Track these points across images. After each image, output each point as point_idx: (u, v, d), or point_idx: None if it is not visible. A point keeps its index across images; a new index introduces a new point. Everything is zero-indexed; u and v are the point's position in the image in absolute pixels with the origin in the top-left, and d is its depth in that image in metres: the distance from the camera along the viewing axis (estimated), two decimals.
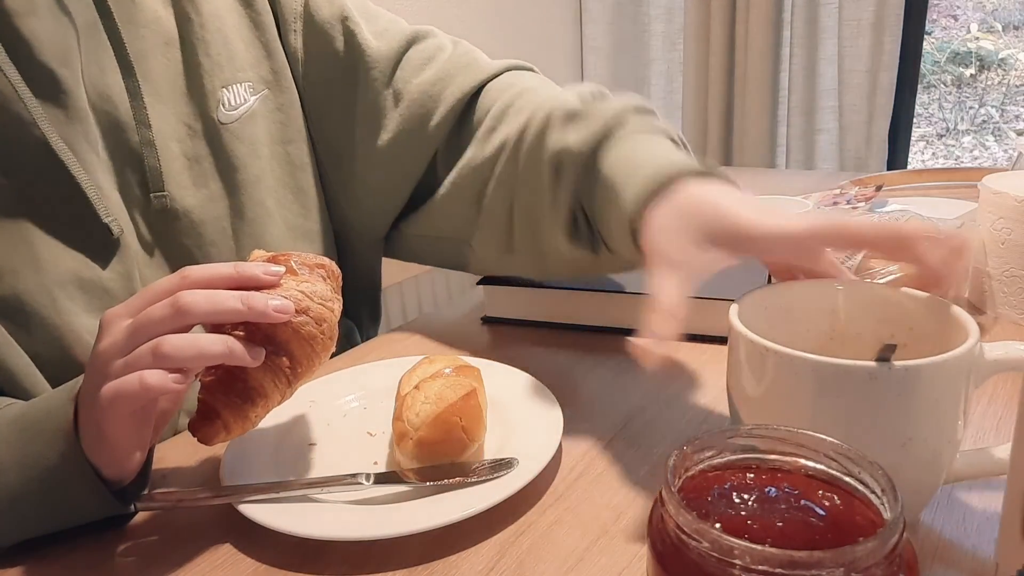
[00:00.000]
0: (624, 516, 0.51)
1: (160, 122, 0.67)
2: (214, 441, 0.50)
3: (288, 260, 0.52)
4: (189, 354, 0.46)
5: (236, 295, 0.47)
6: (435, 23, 0.85)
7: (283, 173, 0.76)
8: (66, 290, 0.61)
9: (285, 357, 0.50)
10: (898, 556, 0.29)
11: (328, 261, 0.55)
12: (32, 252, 0.60)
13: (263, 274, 0.50)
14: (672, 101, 2.38)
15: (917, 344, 0.48)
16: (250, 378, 0.49)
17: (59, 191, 0.61)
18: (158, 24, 0.67)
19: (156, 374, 0.45)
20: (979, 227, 0.76)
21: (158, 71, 0.67)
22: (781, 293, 0.52)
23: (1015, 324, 0.74)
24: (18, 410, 0.52)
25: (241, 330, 0.48)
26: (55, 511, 0.50)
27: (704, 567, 0.30)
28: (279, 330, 0.49)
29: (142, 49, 0.66)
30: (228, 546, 0.50)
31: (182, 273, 0.48)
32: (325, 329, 0.51)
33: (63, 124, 0.60)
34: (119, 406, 0.45)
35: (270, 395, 0.51)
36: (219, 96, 0.70)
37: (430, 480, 0.52)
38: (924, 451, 0.42)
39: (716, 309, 0.75)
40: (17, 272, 0.59)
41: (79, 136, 0.61)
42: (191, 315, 0.46)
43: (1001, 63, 3.51)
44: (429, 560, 0.48)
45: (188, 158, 0.69)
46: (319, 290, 0.52)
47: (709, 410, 0.64)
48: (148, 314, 0.47)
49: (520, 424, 0.59)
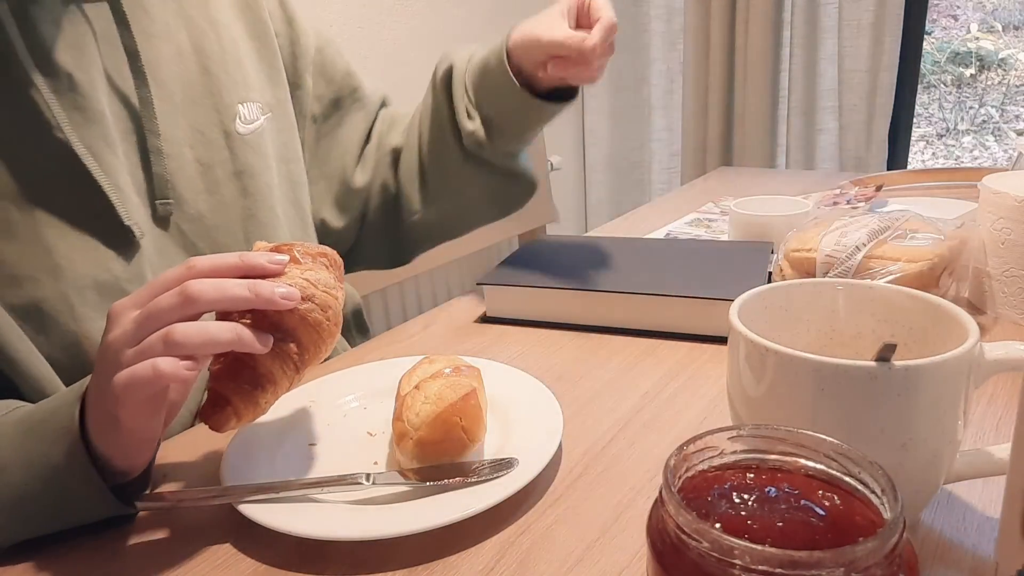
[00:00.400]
0: (624, 516, 0.51)
1: (173, 129, 0.69)
2: (225, 428, 0.50)
3: (291, 250, 0.53)
4: (199, 341, 0.46)
5: (243, 283, 0.48)
6: (435, 23, 0.87)
7: (287, 188, 0.80)
8: (84, 295, 0.61)
9: (293, 343, 0.51)
10: (898, 556, 0.29)
11: (330, 250, 0.56)
12: (51, 258, 0.60)
13: (268, 263, 0.50)
14: (672, 101, 2.38)
15: (917, 344, 0.48)
16: (259, 365, 0.50)
17: (80, 194, 0.61)
18: (170, 35, 0.70)
19: (168, 361, 0.45)
20: (979, 227, 0.76)
21: (172, 80, 0.69)
22: (781, 293, 0.52)
23: (1015, 324, 0.74)
24: (25, 411, 0.53)
25: (248, 318, 0.49)
26: (57, 510, 0.50)
27: (704, 567, 0.30)
28: (286, 317, 0.50)
29: (155, 58, 0.68)
30: (228, 546, 0.50)
31: (188, 263, 0.49)
32: (330, 316, 0.52)
33: (82, 127, 0.61)
34: (133, 393, 0.45)
35: (279, 381, 0.51)
36: (236, 110, 0.74)
37: (430, 480, 0.52)
38: (924, 451, 0.42)
39: (716, 309, 0.75)
40: (37, 279, 0.60)
41: (98, 139, 0.62)
42: (199, 303, 0.47)
43: (1001, 63, 3.51)
44: (429, 560, 0.48)
45: (202, 164, 0.71)
46: (323, 278, 0.52)
47: (709, 410, 0.64)
48: (157, 303, 0.47)
49: (520, 424, 0.59)
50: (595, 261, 0.88)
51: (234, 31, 0.76)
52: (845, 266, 0.76)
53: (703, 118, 2.36)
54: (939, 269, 0.74)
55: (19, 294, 0.59)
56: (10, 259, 0.59)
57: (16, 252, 0.59)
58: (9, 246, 0.59)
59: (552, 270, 0.86)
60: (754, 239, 0.95)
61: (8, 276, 0.59)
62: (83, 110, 0.62)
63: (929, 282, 0.73)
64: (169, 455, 0.61)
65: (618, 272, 0.85)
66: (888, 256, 0.75)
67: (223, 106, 0.73)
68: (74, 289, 0.61)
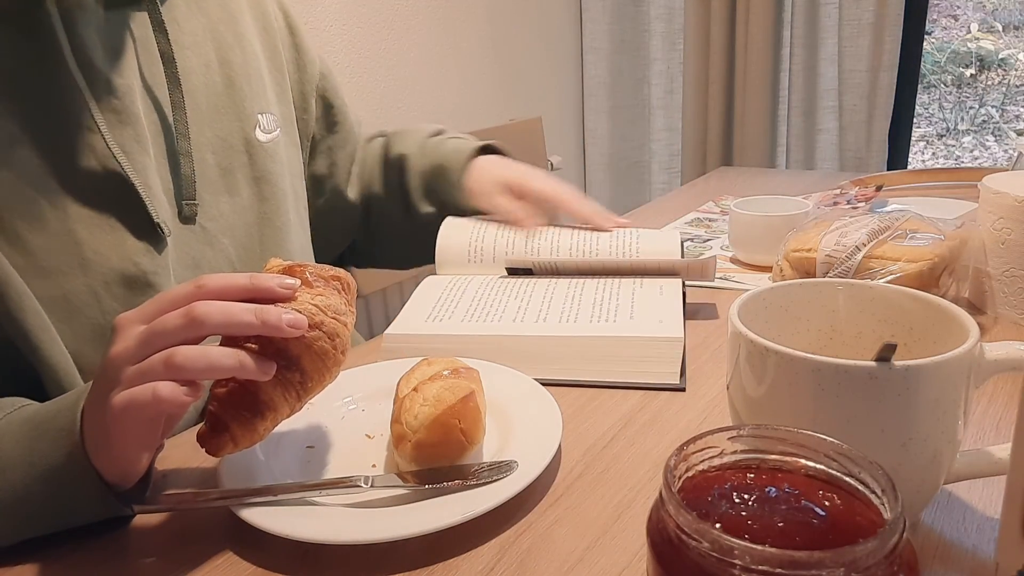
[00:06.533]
0: (624, 516, 0.51)
1: (198, 136, 0.72)
2: (221, 454, 0.50)
3: (304, 272, 0.52)
4: (201, 366, 0.46)
5: (250, 308, 0.48)
6: (435, 24, 0.88)
7: (294, 199, 0.84)
8: (111, 289, 0.63)
9: (297, 372, 0.50)
10: (898, 556, 0.29)
11: (344, 273, 0.55)
12: (81, 252, 0.62)
13: (278, 287, 0.50)
14: (672, 101, 2.38)
15: (917, 344, 0.48)
16: (261, 392, 0.49)
17: (112, 192, 0.63)
18: (198, 47, 0.73)
19: (169, 386, 0.45)
20: (979, 227, 0.76)
21: (198, 88, 0.72)
22: (781, 293, 0.52)
23: (1015, 324, 0.74)
24: (31, 410, 0.53)
25: (254, 342, 0.48)
26: (57, 511, 0.50)
27: (704, 567, 0.29)
28: (292, 344, 0.49)
29: (185, 68, 0.71)
30: (226, 549, 0.50)
31: (197, 282, 0.49)
32: (337, 344, 0.51)
33: (116, 128, 0.64)
34: (130, 415, 0.46)
35: (279, 409, 0.50)
36: (256, 119, 0.78)
37: (429, 483, 0.52)
38: (924, 451, 0.42)
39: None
40: (66, 272, 0.61)
41: (131, 140, 0.65)
42: (205, 327, 0.47)
43: (1001, 63, 3.51)
44: (428, 562, 0.48)
45: (223, 168, 0.74)
46: (333, 303, 0.51)
47: (709, 410, 0.63)
48: (162, 322, 0.47)
49: (520, 425, 0.58)
50: None
51: (256, 47, 0.80)
52: (845, 266, 0.76)
53: (703, 118, 2.36)
54: (939, 269, 0.74)
55: (48, 286, 0.60)
56: (41, 251, 0.60)
57: (47, 245, 0.60)
58: (40, 239, 0.60)
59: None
60: (754, 239, 0.95)
61: (38, 268, 0.60)
62: (119, 112, 0.64)
63: (929, 282, 0.73)
64: (168, 456, 0.61)
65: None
66: (888, 256, 0.75)
67: (245, 115, 0.76)
68: (101, 283, 0.63)
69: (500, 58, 2.09)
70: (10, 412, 0.54)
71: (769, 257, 0.90)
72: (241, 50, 0.77)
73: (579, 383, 0.69)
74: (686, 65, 2.33)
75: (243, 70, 0.77)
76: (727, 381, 0.49)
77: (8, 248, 0.59)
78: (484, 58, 2.03)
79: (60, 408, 0.51)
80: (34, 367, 0.60)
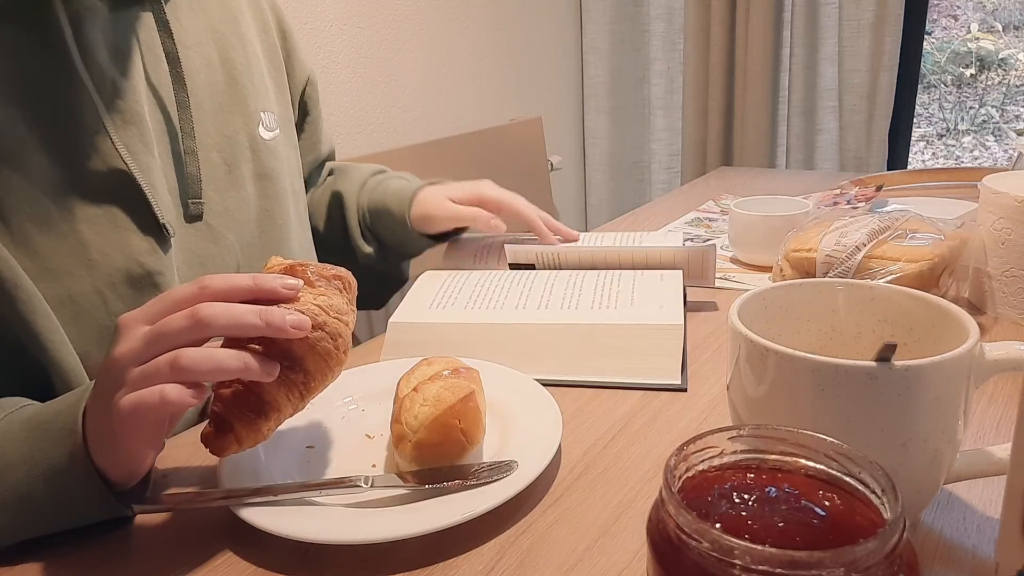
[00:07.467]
0: (624, 516, 0.51)
1: (203, 134, 0.72)
2: (225, 454, 0.50)
3: (305, 271, 0.52)
4: (206, 368, 0.46)
5: (254, 310, 0.48)
6: (435, 24, 0.88)
7: (295, 197, 0.84)
8: (117, 289, 0.63)
9: (300, 372, 0.50)
10: (898, 556, 0.29)
11: (345, 272, 0.55)
12: (87, 253, 0.62)
13: (281, 288, 0.50)
14: (672, 101, 2.38)
15: (917, 344, 0.48)
16: (264, 392, 0.49)
17: (118, 192, 0.64)
18: (201, 47, 0.73)
19: (176, 389, 0.45)
20: (979, 227, 0.76)
21: (201, 87, 0.73)
22: (781, 293, 0.52)
23: (1015, 324, 0.74)
24: (33, 410, 0.53)
25: (257, 343, 0.48)
26: (58, 510, 0.50)
27: (704, 567, 0.29)
28: (295, 345, 0.49)
29: (190, 66, 0.71)
30: (226, 549, 0.50)
31: (201, 283, 0.49)
32: (340, 344, 0.51)
33: (121, 128, 0.64)
34: (138, 417, 0.46)
35: (283, 409, 0.50)
36: (259, 117, 0.78)
37: (429, 483, 0.52)
38: (924, 451, 0.42)
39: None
40: (72, 273, 0.61)
41: (136, 139, 0.65)
42: (210, 328, 0.47)
43: (1001, 63, 3.51)
44: (428, 562, 0.48)
45: (227, 164, 0.74)
46: (335, 303, 0.51)
47: (709, 410, 0.63)
48: (167, 324, 0.47)
49: (520, 425, 0.58)
50: None
51: (256, 46, 0.81)
52: (845, 266, 0.76)
53: (703, 118, 2.36)
54: (939, 269, 0.74)
55: (55, 287, 0.60)
56: (48, 253, 0.60)
57: (54, 246, 0.61)
58: (48, 240, 0.60)
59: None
60: (754, 239, 0.95)
61: (45, 269, 0.60)
62: (123, 112, 0.64)
63: (929, 282, 0.73)
64: (168, 457, 0.61)
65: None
66: (888, 256, 0.75)
67: (248, 113, 0.77)
68: (107, 284, 0.63)
69: (500, 58, 2.09)
70: (11, 412, 0.54)
71: (769, 257, 0.90)
72: (243, 49, 0.78)
73: (579, 383, 0.69)
74: (686, 65, 2.33)
75: (245, 69, 0.77)
76: (727, 381, 0.49)
77: (17, 250, 0.59)
78: (484, 58, 2.03)
79: (61, 408, 0.51)
80: (44, 368, 0.60)
